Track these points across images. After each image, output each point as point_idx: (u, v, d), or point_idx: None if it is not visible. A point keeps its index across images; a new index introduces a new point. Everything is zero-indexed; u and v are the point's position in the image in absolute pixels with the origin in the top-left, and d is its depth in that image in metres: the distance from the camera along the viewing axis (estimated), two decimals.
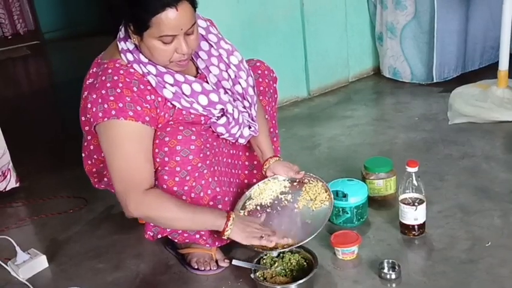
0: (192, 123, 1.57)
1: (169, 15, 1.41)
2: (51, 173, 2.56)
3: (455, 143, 2.36)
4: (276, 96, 1.96)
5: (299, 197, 1.75)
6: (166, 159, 1.49)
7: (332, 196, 1.70)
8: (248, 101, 1.69)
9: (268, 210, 1.73)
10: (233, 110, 1.62)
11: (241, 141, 1.71)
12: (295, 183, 1.79)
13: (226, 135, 1.64)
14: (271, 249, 1.57)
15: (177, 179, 1.52)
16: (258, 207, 1.74)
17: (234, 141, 1.70)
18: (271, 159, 1.78)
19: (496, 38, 2.80)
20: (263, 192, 1.78)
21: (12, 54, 5.48)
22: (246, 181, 1.84)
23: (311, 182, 1.78)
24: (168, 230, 1.63)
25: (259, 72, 1.87)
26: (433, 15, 2.90)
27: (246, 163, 1.84)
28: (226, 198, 1.67)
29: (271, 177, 1.79)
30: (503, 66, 2.60)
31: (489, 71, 2.92)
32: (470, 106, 2.61)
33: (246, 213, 1.72)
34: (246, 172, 1.85)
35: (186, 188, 1.53)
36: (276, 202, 1.76)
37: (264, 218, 1.68)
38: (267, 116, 1.88)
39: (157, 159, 1.51)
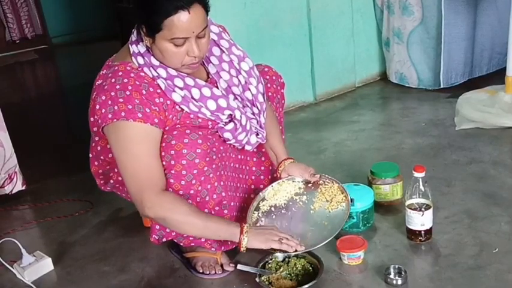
0: (199, 127, 1.57)
1: (181, 17, 1.42)
2: (58, 176, 2.56)
3: (463, 149, 2.35)
4: (283, 101, 1.96)
5: (314, 198, 1.73)
6: (173, 162, 1.50)
7: (349, 198, 1.69)
8: (257, 108, 1.69)
9: (282, 211, 1.72)
10: (241, 117, 1.62)
11: (248, 147, 1.70)
12: (309, 185, 1.77)
13: (232, 141, 1.64)
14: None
15: (183, 182, 1.51)
16: (273, 208, 1.73)
17: (240, 147, 1.70)
18: (286, 161, 1.78)
19: (503, 43, 2.79)
20: (277, 193, 1.76)
21: (20, 59, 5.52)
22: (252, 186, 1.83)
23: (326, 183, 1.76)
24: (173, 233, 1.63)
25: (268, 77, 1.87)
26: (440, 21, 2.90)
27: (254, 168, 1.83)
28: (232, 203, 1.67)
29: (285, 178, 1.78)
30: (511, 72, 2.59)
31: (497, 77, 2.91)
32: (477, 112, 2.59)
33: (260, 215, 1.71)
34: (253, 177, 1.84)
35: (191, 191, 1.53)
36: (290, 203, 1.74)
37: (279, 220, 1.67)
38: None
39: (164, 162, 1.51)
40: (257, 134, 1.71)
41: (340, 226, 1.60)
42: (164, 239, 1.66)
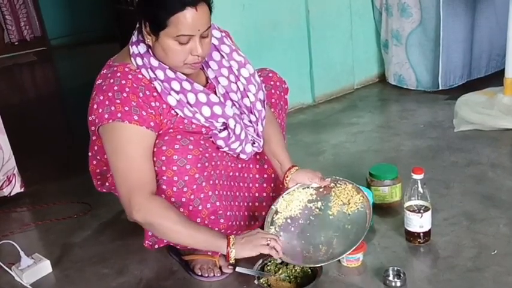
0: (192, 132, 1.56)
1: (188, 14, 1.41)
2: (56, 178, 2.56)
3: (461, 151, 2.35)
4: (286, 107, 1.95)
5: (330, 203, 1.68)
6: (164, 168, 1.49)
7: (367, 197, 1.65)
8: (255, 116, 1.67)
9: (300, 221, 1.67)
10: (235, 126, 1.60)
11: (243, 156, 1.69)
12: (321, 189, 1.72)
13: (225, 148, 1.62)
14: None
15: (174, 189, 1.51)
16: (289, 220, 1.68)
17: (235, 155, 1.68)
18: (291, 169, 1.73)
19: (502, 45, 2.79)
20: (290, 204, 1.71)
21: (19, 61, 5.52)
22: (256, 194, 1.81)
23: (338, 185, 1.72)
24: (165, 240, 1.63)
25: (272, 83, 1.86)
26: (438, 23, 2.90)
27: (257, 176, 1.81)
28: (229, 213, 1.65)
29: (294, 187, 1.73)
30: (510, 73, 2.59)
31: (495, 79, 2.91)
32: (476, 113, 2.60)
33: (276, 229, 1.66)
34: (257, 185, 1.82)
35: (183, 199, 1.52)
36: (306, 212, 1.69)
37: (299, 231, 1.64)
38: None
39: (155, 168, 1.50)
40: (253, 143, 1.69)
41: (365, 227, 1.56)
42: (156, 246, 1.65)
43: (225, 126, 1.60)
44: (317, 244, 1.60)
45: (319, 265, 1.55)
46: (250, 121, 1.67)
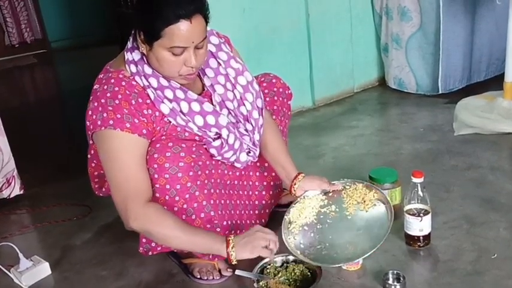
0: (185, 140, 1.55)
1: (183, 27, 1.40)
2: (56, 180, 2.56)
3: (461, 154, 2.35)
4: (289, 113, 1.94)
5: (344, 204, 1.67)
6: (156, 176, 1.48)
7: (381, 191, 1.64)
8: (252, 124, 1.66)
9: (318, 226, 1.65)
10: (228, 136, 1.58)
11: (238, 165, 1.68)
12: (330, 194, 1.71)
13: (218, 157, 1.61)
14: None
15: (167, 197, 1.50)
16: (305, 227, 1.66)
17: (230, 164, 1.67)
18: (298, 176, 1.71)
19: (502, 49, 2.80)
20: (303, 212, 1.69)
21: (19, 63, 5.52)
22: (257, 202, 1.80)
23: (347, 186, 1.71)
24: (159, 248, 1.63)
25: (275, 89, 1.85)
26: (438, 27, 2.91)
27: (257, 183, 1.80)
28: (225, 223, 1.63)
29: (303, 195, 1.72)
30: (510, 78, 2.60)
31: (495, 83, 2.92)
32: (476, 117, 2.60)
33: (295, 237, 1.64)
34: (257, 193, 1.81)
35: (176, 209, 1.51)
36: (321, 217, 1.67)
37: (320, 236, 1.62)
38: None
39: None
40: (248, 152, 1.68)
41: (388, 219, 1.56)
42: (150, 253, 1.65)
43: (219, 136, 1.59)
44: (343, 244, 1.58)
45: (356, 261, 1.57)
46: (246, 130, 1.66)
